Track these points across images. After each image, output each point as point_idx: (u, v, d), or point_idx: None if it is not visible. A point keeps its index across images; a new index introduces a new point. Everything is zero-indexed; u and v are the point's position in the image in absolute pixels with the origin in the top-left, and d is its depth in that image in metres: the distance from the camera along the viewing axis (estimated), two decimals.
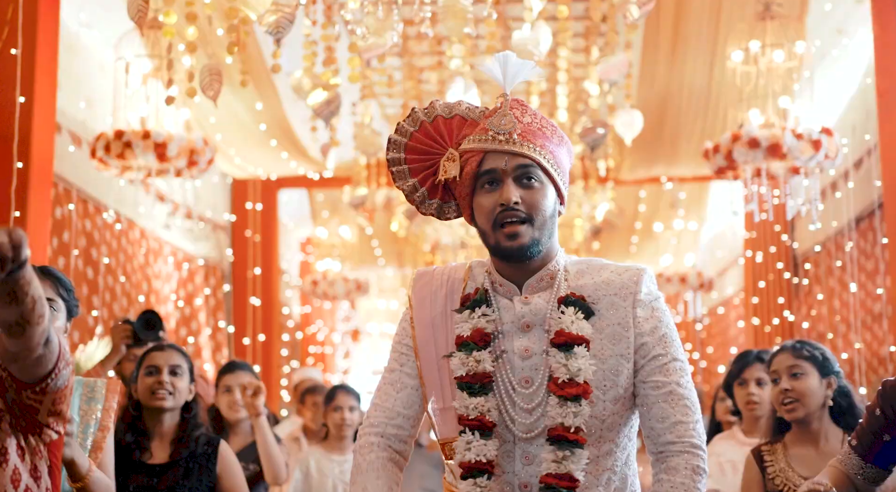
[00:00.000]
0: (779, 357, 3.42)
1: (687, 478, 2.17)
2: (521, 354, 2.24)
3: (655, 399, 2.21)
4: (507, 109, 2.25)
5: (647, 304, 2.25)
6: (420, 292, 2.38)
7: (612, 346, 2.22)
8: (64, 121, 6.90)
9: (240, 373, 4.55)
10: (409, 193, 2.35)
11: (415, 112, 2.35)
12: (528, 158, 2.21)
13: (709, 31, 6.91)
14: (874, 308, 7.73)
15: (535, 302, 2.25)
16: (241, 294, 10.22)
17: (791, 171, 6.38)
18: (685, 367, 2.25)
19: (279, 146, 8.71)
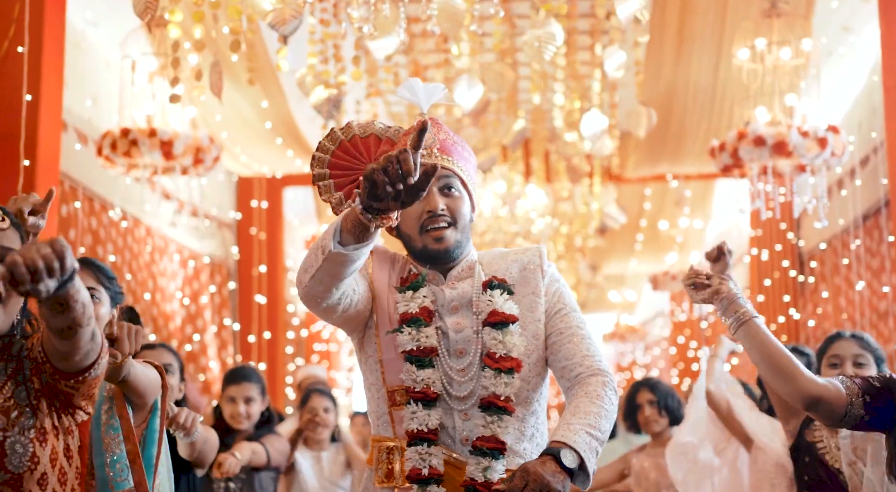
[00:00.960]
0: (843, 343, 3.48)
1: (597, 386, 2.43)
2: (454, 329, 2.50)
3: (561, 342, 2.51)
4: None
5: (549, 273, 2.58)
6: (378, 259, 2.60)
7: (530, 314, 2.54)
8: (70, 119, 6.91)
9: (245, 385, 4.56)
10: (336, 206, 2.54)
11: (333, 132, 2.55)
12: (449, 170, 2.48)
13: (715, 28, 6.90)
14: (880, 306, 7.72)
15: (460, 287, 2.54)
16: (246, 292, 10.22)
17: (797, 168, 6.37)
18: (581, 316, 2.58)
19: (285, 144, 8.71)
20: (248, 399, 4.53)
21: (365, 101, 7.73)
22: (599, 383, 2.44)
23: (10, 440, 2.10)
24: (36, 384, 2.16)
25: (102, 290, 2.77)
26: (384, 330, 2.51)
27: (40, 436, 2.14)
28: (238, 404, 4.51)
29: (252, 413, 4.54)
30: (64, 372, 2.09)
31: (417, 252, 2.53)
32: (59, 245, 1.70)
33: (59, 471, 2.16)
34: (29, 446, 2.11)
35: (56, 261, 1.68)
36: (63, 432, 2.21)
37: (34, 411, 2.15)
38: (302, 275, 2.32)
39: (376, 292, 2.54)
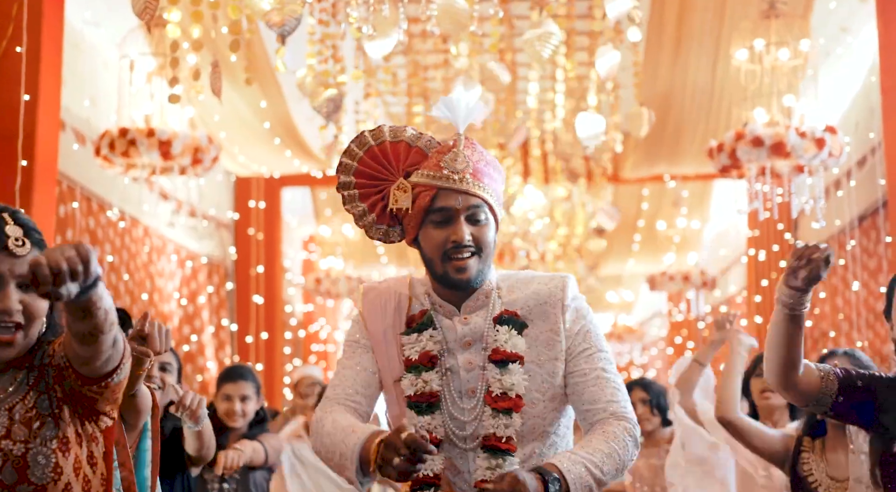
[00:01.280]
0: (834, 361, 3.53)
1: (618, 430, 2.33)
2: (465, 367, 2.42)
3: (584, 385, 2.39)
4: (461, 149, 2.37)
5: (572, 308, 2.43)
6: (370, 306, 2.50)
7: (546, 351, 2.41)
8: (68, 119, 6.91)
9: (241, 383, 4.56)
10: (359, 218, 2.46)
11: (364, 135, 2.44)
12: (479, 198, 2.37)
13: (713, 29, 6.90)
14: (877, 307, 7.73)
15: (473, 321, 2.43)
16: (244, 292, 10.22)
17: (795, 169, 6.38)
18: (609, 357, 2.43)
19: (283, 144, 8.72)
20: (243, 397, 4.54)
21: (364, 102, 7.73)
22: (621, 428, 2.33)
23: (33, 452, 2.07)
24: (58, 392, 2.13)
25: None
26: (388, 382, 2.46)
27: (63, 446, 2.10)
28: (234, 401, 4.52)
29: (247, 411, 4.54)
30: (87, 377, 2.07)
31: (438, 277, 2.42)
32: (84, 249, 1.68)
33: (83, 480, 2.13)
34: (52, 457, 2.08)
35: (80, 265, 1.66)
36: (87, 440, 2.17)
37: (56, 420, 2.12)
38: (323, 461, 2.39)
39: (376, 350, 2.47)
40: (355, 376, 2.45)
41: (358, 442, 2.25)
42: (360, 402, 2.43)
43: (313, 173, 9.64)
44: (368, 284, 2.55)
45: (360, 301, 2.52)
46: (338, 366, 2.51)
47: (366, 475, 2.26)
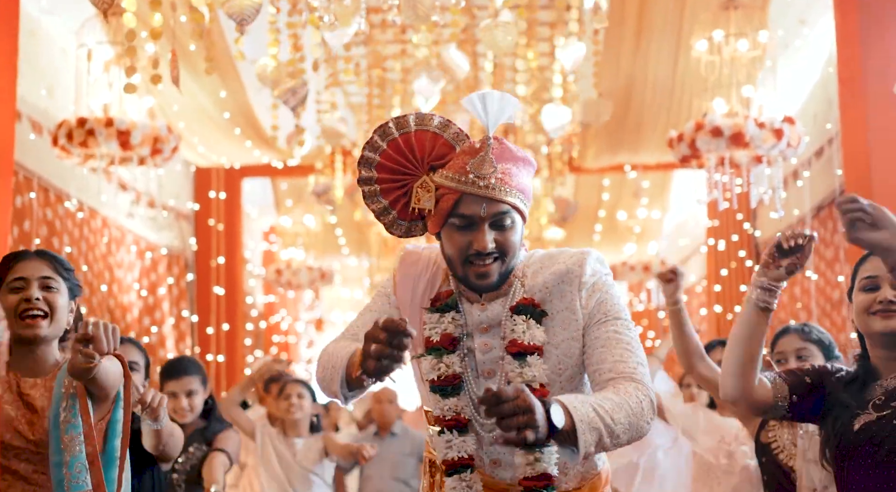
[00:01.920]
0: (785, 338, 3.50)
1: (630, 388, 2.19)
2: (481, 349, 2.37)
3: (594, 348, 2.30)
4: (489, 154, 2.27)
5: (589, 284, 2.34)
6: (404, 272, 2.46)
7: (563, 331, 2.34)
8: (25, 108, 6.82)
9: (185, 379, 4.51)
10: (380, 214, 2.39)
11: (387, 126, 2.35)
12: (505, 203, 2.28)
13: (673, 20, 6.94)
14: (833, 296, 7.83)
15: (491, 308, 2.37)
16: (204, 283, 10.16)
17: (754, 159, 6.44)
18: (627, 324, 2.32)
19: (243, 135, 8.66)
20: (189, 392, 4.46)
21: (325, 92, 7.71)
22: (633, 388, 2.19)
23: None
24: None
25: (60, 280, 2.72)
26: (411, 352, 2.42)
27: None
28: (180, 398, 4.45)
29: (195, 405, 4.47)
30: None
31: (458, 278, 2.37)
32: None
33: None
34: None
35: None
36: None
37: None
38: (320, 386, 2.37)
39: (401, 313, 2.43)
40: (373, 319, 2.36)
41: (346, 355, 2.25)
42: None
43: (274, 164, 9.59)
44: (410, 248, 2.50)
45: (396, 263, 2.48)
46: (363, 309, 2.50)
47: (351, 389, 2.24)
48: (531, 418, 1.95)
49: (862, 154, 6.16)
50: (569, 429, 2.04)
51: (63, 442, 2.53)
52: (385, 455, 6.52)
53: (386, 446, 6.57)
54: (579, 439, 2.05)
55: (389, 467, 6.44)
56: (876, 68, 6.03)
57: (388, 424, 6.67)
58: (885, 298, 2.50)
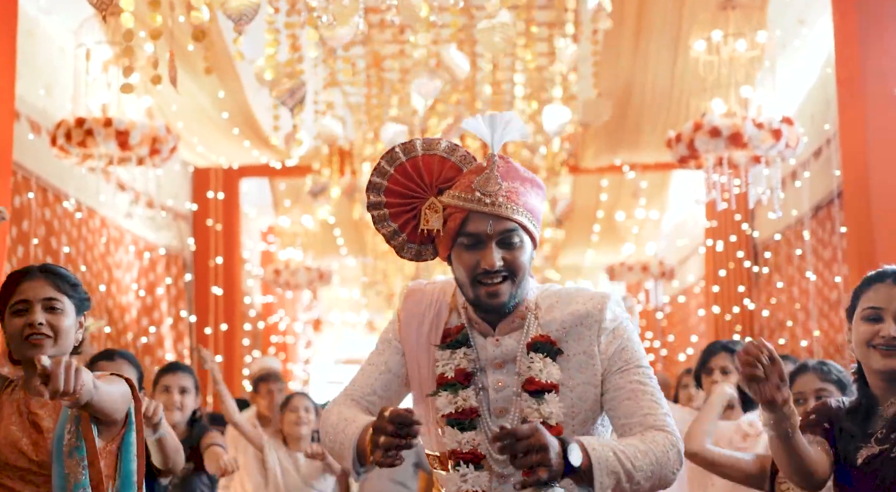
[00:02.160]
0: (804, 378, 3.46)
1: (658, 437, 2.19)
2: (495, 387, 2.35)
3: (620, 399, 2.27)
4: (494, 171, 2.27)
5: (610, 330, 2.32)
6: (409, 311, 2.45)
7: (578, 374, 2.31)
8: (23, 108, 6.81)
9: (179, 375, 4.52)
10: (390, 238, 2.39)
11: (394, 152, 2.36)
12: (512, 221, 2.27)
13: (672, 20, 6.95)
14: (831, 296, 7.83)
15: (505, 343, 2.35)
16: (202, 284, 10.16)
17: (752, 160, 6.44)
18: (649, 373, 2.31)
19: (242, 135, 8.66)
20: (182, 389, 4.48)
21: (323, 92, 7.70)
22: (662, 436, 2.18)
23: None
24: None
25: (65, 299, 2.65)
26: (416, 392, 2.43)
27: None
28: (172, 393, 4.45)
29: (185, 404, 4.47)
30: None
31: (470, 301, 2.35)
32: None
33: None
34: None
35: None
36: None
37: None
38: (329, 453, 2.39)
39: (407, 354, 2.42)
40: (377, 376, 2.42)
41: (356, 432, 2.23)
42: (374, 402, 2.40)
43: (272, 164, 9.59)
44: (413, 286, 2.49)
45: (400, 302, 2.47)
46: (365, 361, 2.48)
47: (363, 466, 2.24)
48: (545, 456, 1.97)
49: (860, 155, 6.17)
50: (586, 469, 2.05)
51: (67, 466, 2.49)
52: None
53: None
54: (595, 480, 2.06)
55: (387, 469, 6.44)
56: (874, 69, 6.04)
57: None
58: (888, 335, 2.45)
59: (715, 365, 4.27)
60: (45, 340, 2.60)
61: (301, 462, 5.48)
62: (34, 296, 2.63)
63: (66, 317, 2.65)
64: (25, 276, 2.67)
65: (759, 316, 9.50)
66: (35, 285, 2.64)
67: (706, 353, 4.38)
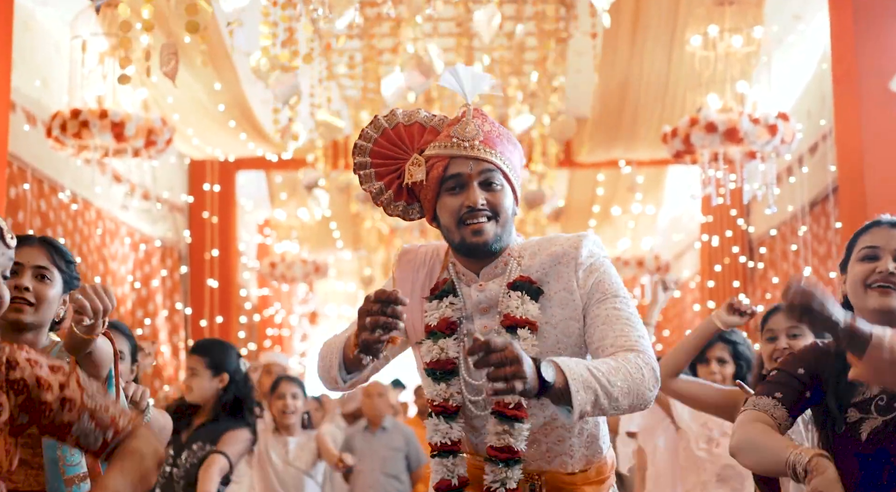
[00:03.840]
0: (776, 317, 3.48)
1: (630, 356, 2.22)
2: (481, 332, 2.43)
3: (595, 326, 2.34)
4: (470, 118, 2.41)
5: (586, 265, 2.40)
6: (402, 268, 2.55)
7: (560, 310, 2.39)
8: (19, 99, 6.81)
9: (192, 357, 4.55)
10: (376, 195, 2.50)
11: (377, 119, 2.49)
12: (491, 164, 2.39)
13: (668, 15, 6.94)
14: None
15: (489, 288, 2.44)
16: (198, 276, 10.15)
17: (748, 155, 6.45)
18: (626, 301, 2.37)
19: (238, 127, 8.65)
20: (192, 372, 4.51)
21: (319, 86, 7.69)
22: (632, 355, 2.22)
23: None
24: None
25: (55, 271, 2.70)
26: (413, 343, 2.53)
27: None
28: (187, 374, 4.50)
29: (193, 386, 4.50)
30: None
31: (456, 245, 2.44)
32: None
33: None
34: None
35: None
36: None
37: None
38: (321, 379, 2.45)
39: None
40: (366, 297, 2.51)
41: (345, 337, 2.34)
42: None
43: (268, 157, 9.59)
44: (406, 247, 2.60)
45: (394, 264, 2.57)
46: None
47: (349, 372, 2.33)
48: (518, 368, 1.98)
49: (856, 151, 6.17)
50: (562, 387, 2.06)
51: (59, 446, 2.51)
52: (375, 450, 6.51)
53: (376, 441, 6.56)
54: (573, 396, 2.06)
55: (379, 461, 6.44)
56: (870, 65, 6.05)
57: (378, 418, 6.66)
58: (885, 270, 2.33)
59: (711, 355, 4.27)
60: (27, 308, 2.64)
61: (291, 448, 5.49)
62: (27, 261, 2.67)
63: (53, 288, 2.69)
64: (25, 241, 2.71)
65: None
66: (31, 252, 2.70)
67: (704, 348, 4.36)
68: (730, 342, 4.29)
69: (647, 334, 2.34)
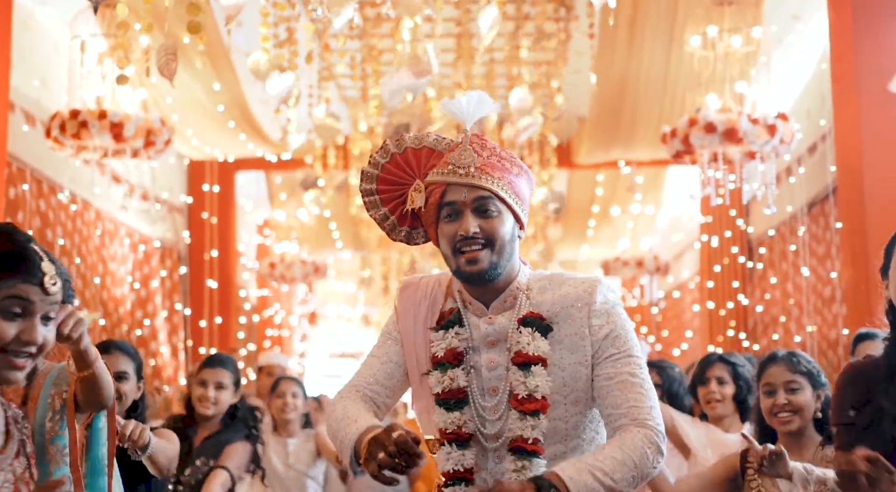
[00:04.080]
0: (774, 369, 3.44)
1: (637, 439, 2.27)
2: (487, 366, 2.44)
3: (609, 389, 2.35)
4: (466, 145, 2.41)
5: (601, 313, 2.40)
6: (404, 303, 2.55)
7: (570, 355, 2.40)
8: (17, 100, 6.81)
9: (219, 370, 4.52)
10: (381, 221, 2.52)
11: (386, 144, 2.50)
12: (485, 190, 2.38)
13: (667, 15, 6.94)
14: (825, 292, 7.84)
15: (498, 321, 2.44)
16: (197, 276, 10.15)
17: (747, 155, 6.44)
18: (640, 362, 2.39)
19: (237, 128, 8.65)
20: (218, 385, 4.47)
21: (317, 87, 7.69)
22: (640, 435, 2.27)
23: None
24: None
25: None
26: (415, 386, 2.52)
27: None
28: (208, 387, 4.45)
29: (220, 400, 4.45)
30: None
31: (454, 272, 2.45)
32: None
33: None
34: None
35: None
36: None
37: None
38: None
39: (406, 346, 2.52)
40: (380, 367, 2.51)
41: (355, 433, 2.30)
42: (378, 392, 2.49)
43: (268, 157, 9.59)
44: (407, 280, 2.60)
45: (396, 297, 2.57)
46: (368, 354, 2.58)
47: (359, 465, 2.30)
48: None
49: (855, 151, 6.18)
50: None
51: (48, 453, 2.49)
52: None
53: None
54: None
55: None
56: (869, 65, 6.05)
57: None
58: None
59: (711, 375, 4.24)
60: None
61: (291, 450, 5.48)
62: None
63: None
64: None
65: (754, 312, 9.52)
66: None
67: (703, 364, 4.35)
68: (729, 363, 4.28)
69: (657, 402, 2.36)
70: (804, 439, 3.41)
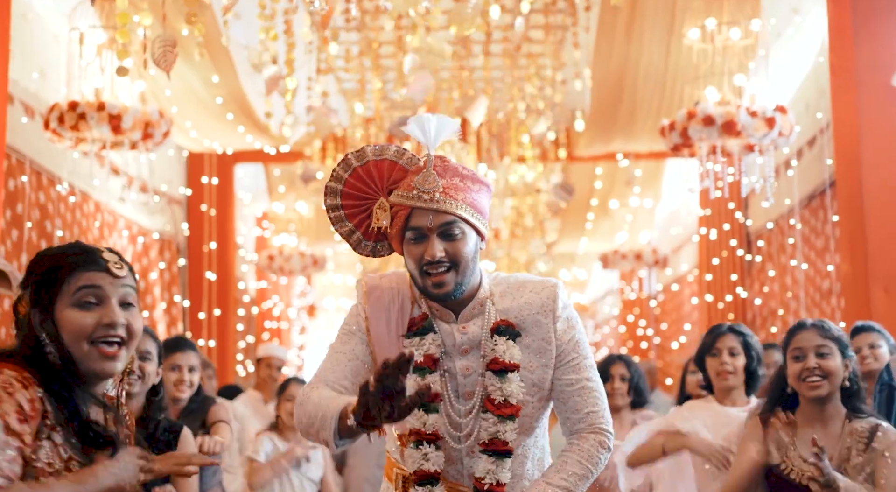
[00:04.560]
0: (804, 334, 3.44)
1: (593, 447, 2.56)
2: (462, 373, 2.58)
3: (570, 394, 2.59)
4: (430, 170, 2.48)
5: (564, 318, 2.59)
6: (374, 306, 2.62)
7: (537, 358, 2.58)
8: (16, 91, 6.80)
9: (189, 353, 4.51)
10: (347, 236, 2.61)
11: (348, 158, 2.57)
12: (451, 214, 2.47)
13: (666, 8, 6.94)
14: (823, 285, 7.85)
15: (471, 330, 2.58)
16: (196, 269, 10.16)
17: (745, 148, 6.44)
18: (592, 363, 2.62)
19: (236, 120, 8.64)
20: (191, 368, 4.48)
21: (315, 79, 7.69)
22: (596, 443, 2.56)
23: None
24: None
25: None
26: None
27: None
28: (183, 371, 4.44)
29: (195, 382, 4.48)
30: None
31: (421, 290, 2.56)
32: None
33: None
34: None
35: None
36: None
37: None
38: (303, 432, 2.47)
39: (377, 349, 2.58)
40: (346, 363, 2.57)
41: (342, 403, 2.35)
42: (347, 387, 2.54)
43: (266, 149, 9.59)
44: (371, 283, 2.65)
45: (363, 298, 2.63)
46: (330, 350, 2.64)
47: (342, 438, 2.35)
48: None
49: (853, 144, 6.18)
50: None
51: None
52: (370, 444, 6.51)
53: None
54: None
55: (375, 455, 6.44)
56: (868, 58, 6.05)
57: None
58: None
59: (723, 345, 4.19)
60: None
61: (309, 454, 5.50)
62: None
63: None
64: None
65: (752, 304, 9.53)
66: None
67: (712, 334, 4.27)
68: (740, 334, 4.24)
69: (607, 403, 2.63)
70: (830, 407, 3.39)
